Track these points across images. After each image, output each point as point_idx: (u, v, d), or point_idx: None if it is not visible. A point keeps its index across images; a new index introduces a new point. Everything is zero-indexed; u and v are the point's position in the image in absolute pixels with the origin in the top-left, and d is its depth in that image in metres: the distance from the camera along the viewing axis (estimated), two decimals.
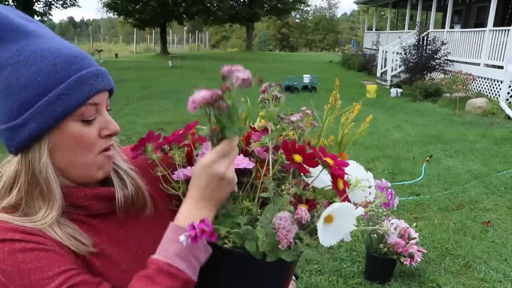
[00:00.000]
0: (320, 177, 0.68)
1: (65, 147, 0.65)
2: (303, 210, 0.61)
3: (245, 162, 0.72)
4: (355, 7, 52.48)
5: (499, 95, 8.76)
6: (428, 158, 5.06)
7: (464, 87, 8.89)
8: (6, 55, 0.62)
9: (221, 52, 33.81)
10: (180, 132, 0.79)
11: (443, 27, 13.99)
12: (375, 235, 2.62)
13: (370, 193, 0.72)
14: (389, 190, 0.73)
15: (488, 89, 9.39)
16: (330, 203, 0.64)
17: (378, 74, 13.50)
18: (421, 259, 2.62)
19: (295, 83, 11.01)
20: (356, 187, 0.69)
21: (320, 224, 0.60)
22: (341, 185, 0.66)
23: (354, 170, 0.72)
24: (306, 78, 11.18)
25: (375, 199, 0.71)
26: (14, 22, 0.63)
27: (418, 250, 2.61)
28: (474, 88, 9.84)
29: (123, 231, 0.74)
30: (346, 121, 0.84)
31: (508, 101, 8.52)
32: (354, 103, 0.85)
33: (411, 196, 4.12)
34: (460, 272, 2.85)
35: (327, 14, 57.55)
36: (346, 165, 0.68)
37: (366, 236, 2.70)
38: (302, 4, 35.05)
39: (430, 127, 7.11)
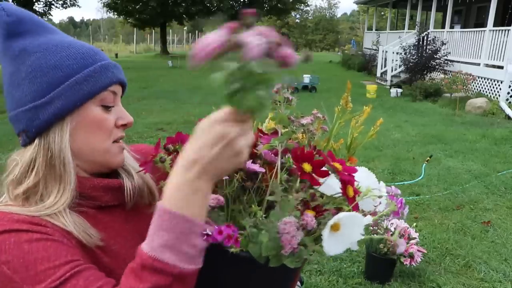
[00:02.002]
0: (329, 184, 0.66)
1: (85, 129, 0.68)
2: (309, 216, 0.60)
3: (256, 167, 0.70)
4: (355, 7, 52.51)
5: (499, 95, 8.76)
6: (428, 158, 5.06)
7: (464, 87, 8.89)
8: (35, 43, 0.67)
9: None
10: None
11: (443, 27, 13.99)
12: (375, 234, 2.62)
13: (380, 203, 0.70)
14: (399, 198, 0.71)
15: (488, 89, 9.39)
16: (338, 210, 0.63)
17: (378, 74, 13.50)
18: (421, 259, 2.62)
19: (295, 83, 11.00)
20: (366, 196, 0.66)
21: (325, 231, 0.57)
22: (351, 192, 0.64)
23: (364, 177, 0.70)
24: (306, 78, 11.17)
25: (386, 208, 0.70)
26: (41, 20, 0.70)
27: (418, 250, 2.61)
28: (474, 88, 9.84)
29: (130, 226, 0.75)
30: (355, 124, 0.82)
31: (508, 101, 8.52)
32: (364, 106, 0.84)
33: (411, 196, 4.12)
34: (460, 272, 2.85)
35: (327, 14, 57.57)
36: (355, 171, 0.66)
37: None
38: (302, 4, 35.04)
39: (430, 127, 7.11)
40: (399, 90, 10.67)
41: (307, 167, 0.63)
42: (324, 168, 0.65)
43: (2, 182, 0.68)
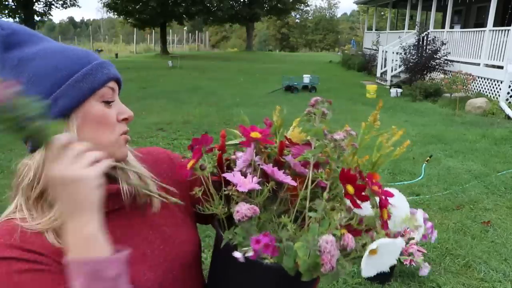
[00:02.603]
0: (363, 205, 0.68)
1: (90, 125, 0.70)
2: (350, 238, 0.61)
3: (288, 179, 0.70)
4: (355, 7, 52.50)
5: (499, 95, 8.76)
6: (428, 158, 5.07)
7: (464, 87, 8.89)
8: (32, 51, 0.70)
9: (221, 52, 33.81)
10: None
11: (443, 27, 13.99)
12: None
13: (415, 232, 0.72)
14: (429, 223, 0.73)
15: (488, 89, 9.39)
16: (367, 231, 0.65)
17: (378, 74, 13.50)
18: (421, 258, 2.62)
19: (295, 83, 11.01)
20: (404, 224, 0.68)
21: (365, 255, 0.60)
22: (386, 215, 0.66)
23: (397, 200, 0.71)
24: (306, 78, 11.18)
25: (416, 232, 0.72)
26: (35, 32, 0.74)
27: (418, 250, 2.61)
28: (474, 88, 9.84)
29: (132, 230, 0.75)
30: (384, 143, 0.82)
31: (508, 101, 8.52)
32: (392, 126, 0.84)
33: (411, 196, 4.12)
34: (460, 272, 2.85)
35: (327, 14, 57.59)
36: (392, 195, 0.68)
37: None
38: (302, 4, 35.10)
39: (430, 127, 7.11)
40: (399, 90, 10.67)
41: (350, 189, 0.65)
42: (365, 193, 0.66)
43: (17, 186, 0.70)
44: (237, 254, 0.61)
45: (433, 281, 2.72)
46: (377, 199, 0.67)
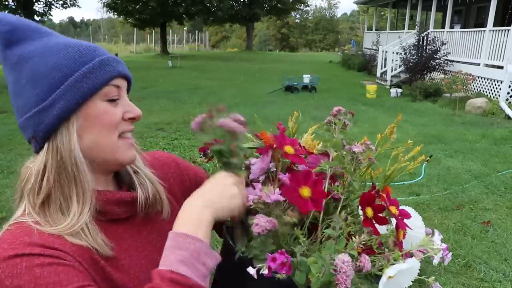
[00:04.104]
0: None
1: (91, 126, 0.67)
2: (367, 259, 0.60)
3: (276, 195, 0.68)
4: (355, 7, 52.50)
5: (499, 95, 8.76)
6: (428, 158, 5.06)
7: (464, 87, 8.89)
8: (31, 48, 0.66)
9: (221, 52, 33.81)
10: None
11: (443, 27, 13.99)
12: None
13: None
14: (444, 245, 0.74)
15: (488, 89, 9.39)
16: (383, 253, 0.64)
17: (378, 74, 13.50)
18: (421, 259, 2.62)
19: (295, 83, 11.01)
20: (421, 247, 0.68)
21: (383, 280, 0.60)
22: (401, 236, 0.65)
23: (412, 220, 0.70)
24: (306, 78, 11.17)
25: (434, 256, 0.73)
26: (36, 25, 0.70)
27: (418, 250, 2.61)
28: (474, 88, 9.84)
29: (141, 237, 0.75)
30: (400, 158, 0.81)
31: (508, 101, 8.52)
32: (408, 140, 0.82)
33: (411, 196, 4.12)
34: (460, 272, 2.85)
35: (327, 14, 57.57)
36: (409, 216, 0.67)
37: None
38: (302, 4, 35.07)
39: (430, 127, 7.11)
40: (399, 90, 10.67)
41: (369, 212, 0.64)
42: (383, 215, 0.65)
43: (21, 190, 0.68)
44: (251, 271, 0.60)
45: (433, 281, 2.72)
46: (394, 220, 0.66)
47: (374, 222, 0.64)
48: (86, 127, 0.67)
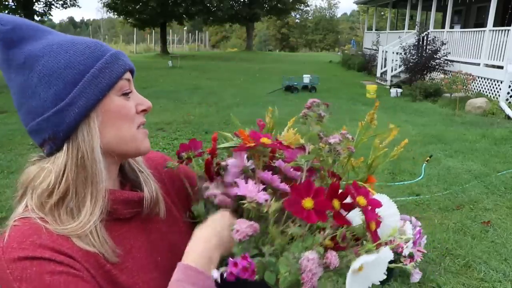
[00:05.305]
0: (349, 215, 0.65)
1: (111, 121, 0.67)
2: (333, 255, 0.59)
3: (283, 185, 0.68)
4: (355, 7, 52.50)
5: (499, 95, 8.76)
6: (428, 158, 5.06)
7: (464, 87, 8.89)
8: (39, 47, 0.65)
9: (221, 52, 33.80)
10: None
11: (443, 27, 13.99)
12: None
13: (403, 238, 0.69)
14: (417, 228, 0.71)
15: (488, 89, 9.39)
16: (357, 240, 0.62)
17: (378, 74, 13.50)
18: (421, 259, 2.62)
19: (295, 83, 11.01)
20: (390, 236, 0.65)
21: (349, 274, 0.58)
22: (373, 226, 0.63)
23: (385, 209, 0.67)
24: (306, 78, 11.17)
25: (405, 246, 0.70)
26: (38, 25, 0.69)
27: (418, 250, 2.61)
28: (474, 88, 9.84)
29: (143, 238, 0.75)
30: (377, 144, 0.78)
31: (508, 101, 8.52)
32: (390, 125, 0.80)
33: (411, 196, 4.12)
34: (460, 272, 2.85)
35: (327, 14, 57.56)
36: (379, 205, 0.64)
37: None
38: (302, 4, 35.06)
39: (430, 127, 7.11)
40: (399, 90, 10.67)
41: (336, 204, 0.62)
42: (348, 200, 0.63)
43: (26, 187, 0.66)
44: (215, 274, 0.60)
45: (433, 281, 2.72)
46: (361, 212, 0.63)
47: (343, 212, 0.62)
48: (106, 122, 0.66)
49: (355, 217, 0.65)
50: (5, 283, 0.57)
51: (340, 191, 0.64)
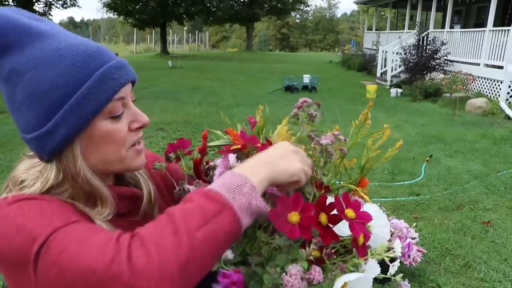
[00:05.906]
0: (338, 226, 0.63)
1: (96, 146, 0.64)
2: (317, 271, 0.58)
3: (274, 189, 0.65)
4: (355, 7, 52.47)
5: (499, 95, 8.76)
6: (428, 158, 5.06)
7: (464, 87, 8.89)
8: (23, 60, 0.59)
9: (221, 52, 33.81)
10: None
11: (443, 27, 13.98)
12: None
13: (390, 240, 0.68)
14: (407, 240, 0.71)
15: (488, 89, 9.39)
16: (346, 252, 0.62)
17: (378, 74, 13.49)
18: (421, 259, 2.61)
19: (295, 83, 11.01)
20: (378, 252, 0.64)
21: None
22: (361, 240, 0.60)
23: (375, 217, 0.66)
24: (306, 78, 11.17)
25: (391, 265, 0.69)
26: (25, 24, 0.60)
27: (418, 250, 2.60)
28: (474, 88, 9.83)
29: None
30: (370, 145, 0.76)
31: (508, 101, 8.52)
32: (385, 125, 0.78)
33: (411, 196, 4.12)
34: (460, 272, 2.85)
35: (327, 14, 57.53)
36: (369, 219, 0.62)
37: None
38: (302, 4, 35.04)
39: (430, 127, 7.11)
40: (399, 90, 10.67)
41: (323, 219, 0.60)
42: (335, 212, 0.61)
43: (16, 179, 0.67)
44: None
45: (433, 281, 2.72)
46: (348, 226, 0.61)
47: (329, 226, 0.60)
48: (90, 146, 0.63)
49: (346, 224, 0.64)
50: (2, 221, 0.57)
51: (328, 202, 0.61)
